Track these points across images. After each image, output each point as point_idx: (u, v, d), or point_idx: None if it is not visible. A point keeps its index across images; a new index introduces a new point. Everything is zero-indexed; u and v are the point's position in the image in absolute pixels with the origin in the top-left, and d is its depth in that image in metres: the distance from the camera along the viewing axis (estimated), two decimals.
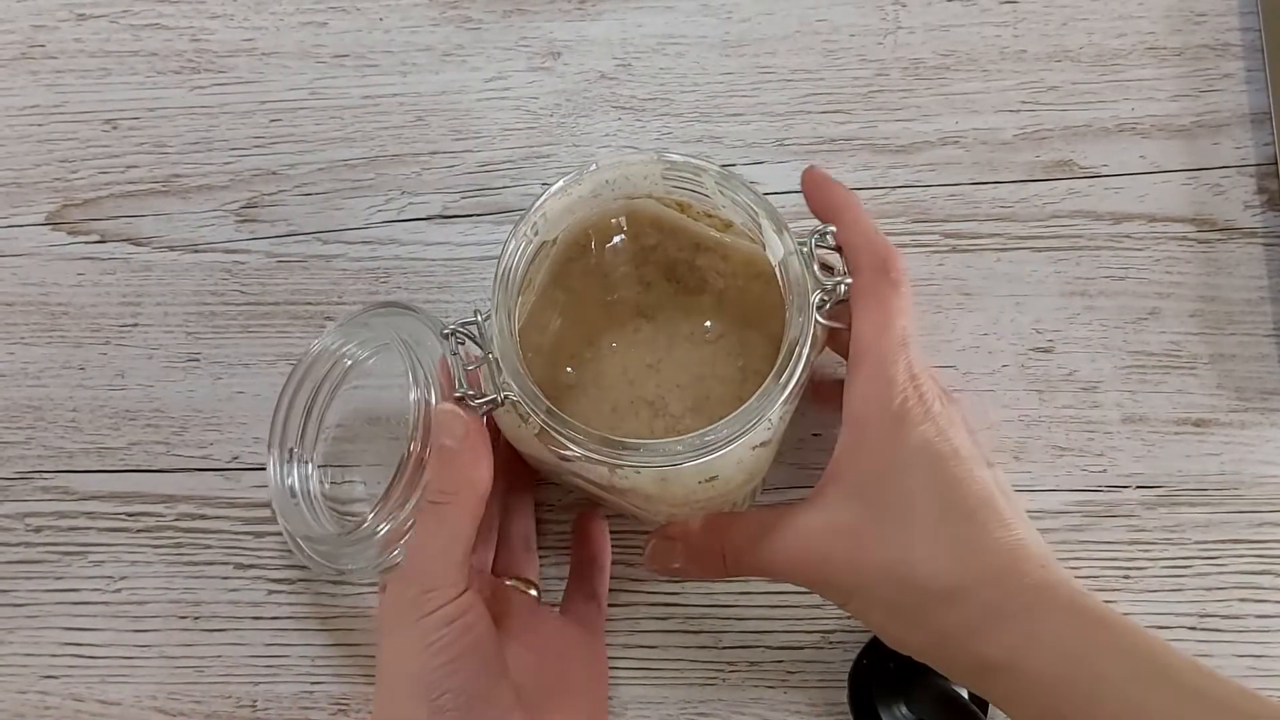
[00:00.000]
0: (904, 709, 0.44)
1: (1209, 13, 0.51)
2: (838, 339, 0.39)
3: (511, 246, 0.36)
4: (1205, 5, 0.51)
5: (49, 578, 0.49)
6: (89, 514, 0.49)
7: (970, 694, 0.44)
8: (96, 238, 0.51)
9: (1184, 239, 0.49)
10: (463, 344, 0.36)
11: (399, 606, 0.35)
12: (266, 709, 0.47)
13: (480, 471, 0.35)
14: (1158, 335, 0.48)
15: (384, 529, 0.38)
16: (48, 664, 0.48)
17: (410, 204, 0.51)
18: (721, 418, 0.33)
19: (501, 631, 0.37)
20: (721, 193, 0.37)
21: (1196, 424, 0.47)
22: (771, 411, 0.33)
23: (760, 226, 0.36)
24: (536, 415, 0.33)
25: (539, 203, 0.36)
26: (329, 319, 0.49)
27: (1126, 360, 0.48)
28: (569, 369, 0.39)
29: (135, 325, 0.51)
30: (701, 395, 0.39)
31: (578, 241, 0.39)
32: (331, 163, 0.51)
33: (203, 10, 0.53)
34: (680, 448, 0.33)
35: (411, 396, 0.37)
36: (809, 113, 0.51)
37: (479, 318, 0.35)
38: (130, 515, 0.49)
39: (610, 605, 0.46)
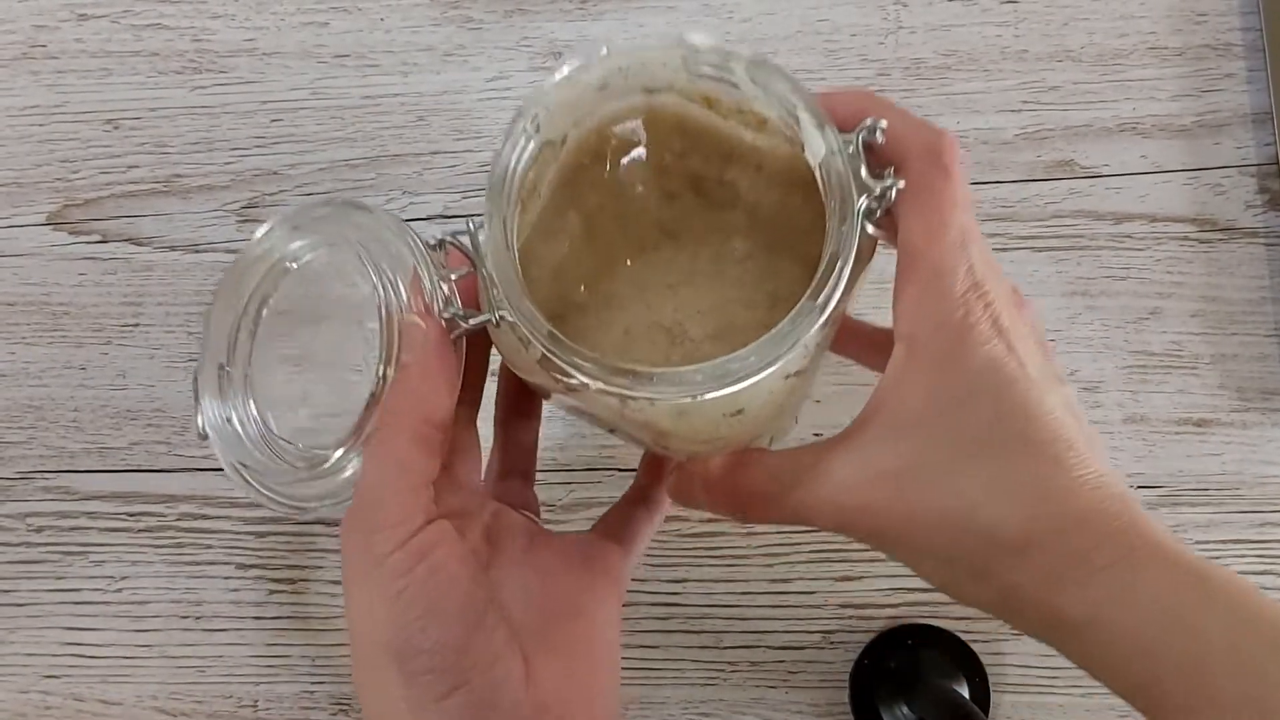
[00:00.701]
0: (905, 709, 0.44)
1: (1210, 13, 0.51)
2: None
3: (508, 146, 0.30)
4: (1206, 5, 0.51)
5: (50, 578, 0.49)
6: (90, 514, 0.49)
7: (971, 694, 0.44)
8: (98, 238, 0.51)
9: (1185, 239, 0.49)
10: (447, 255, 0.32)
11: (351, 558, 0.30)
12: (268, 709, 0.47)
13: (432, 390, 0.30)
14: (1159, 335, 0.48)
15: (354, 464, 0.33)
16: (49, 664, 0.48)
17: (411, 204, 0.51)
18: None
19: (500, 556, 0.33)
20: (754, 82, 0.32)
21: (1198, 424, 0.47)
22: (807, 337, 0.28)
23: (798, 121, 0.31)
24: (537, 339, 0.29)
25: (539, 93, 0.31)
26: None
27: (1128, 360, 0.48)
28: (582, 287, 0.35)
29: (136, 325, 0.51)
30: (725, 322, 0.34)
31: (591, 147, 0.34)
32: (333, 163, 0.51)
33: (204, 10, 0.53)
34: (700, 377, 0.28)
35: (380, 311, 0.31)
36: None
37: (471, 227, 0.31)
38: (131, 515, 0.49)
39: None
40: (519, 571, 0.33)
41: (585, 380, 0.29)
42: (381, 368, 0.31)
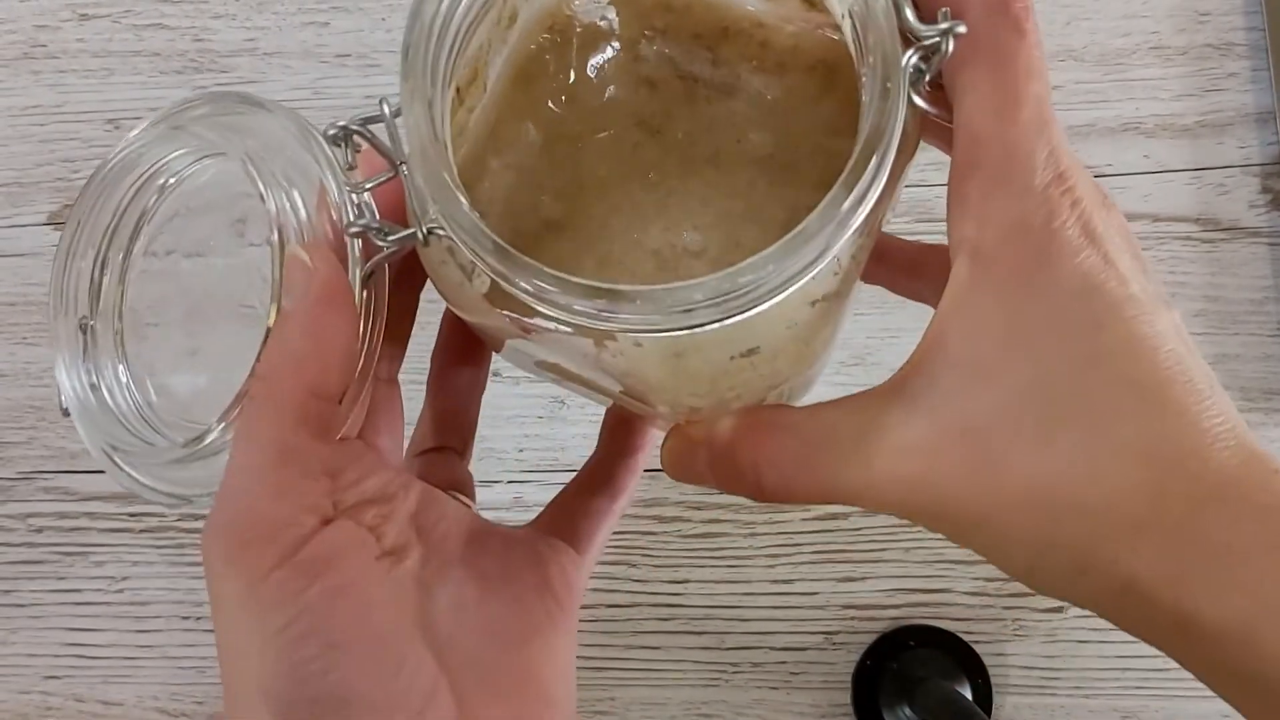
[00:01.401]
0: (907, 710, 0.44)
1: (1213, 12, 0.51)
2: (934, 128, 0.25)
3: None
4: (1210, 4, 0.51)
5: (51, 578, 0.48)
6: (91, 514, 0.49)
7: (973, 695, 0.44)
8: None
9: (1188, 239, 0.49)
10: (357, 151, 0.25)
11: (217, 574, 0.22)
12: None
13: (318, 348, 0.23)
14: None
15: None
16: (50, 664, 0.48)
17: None
18: None
19: (430, 557, 0.26)
20: None
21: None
22: (839, 243, 0.22)
23: None
24: (480, 259, 0.22)
25: None
26: None
27: None
28: (541, 207, 0.28)
29: None
30: (729, 241, 0.27)
31: (547, 27, 0.28)
32: None
33: (205, 10, 0.53)
34: (700, 295, 0.21)
35: (272, 239, 0.24)
36: None
37: (386, 111, 0.24)
38: (132, 515, 0.49)
39: (611, 605, 0.46)
40: (454, 578, 0.26)
41: (548, 312, 0.22)
42: (273, 312, 0.24)
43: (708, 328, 0.22)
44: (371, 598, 0.23)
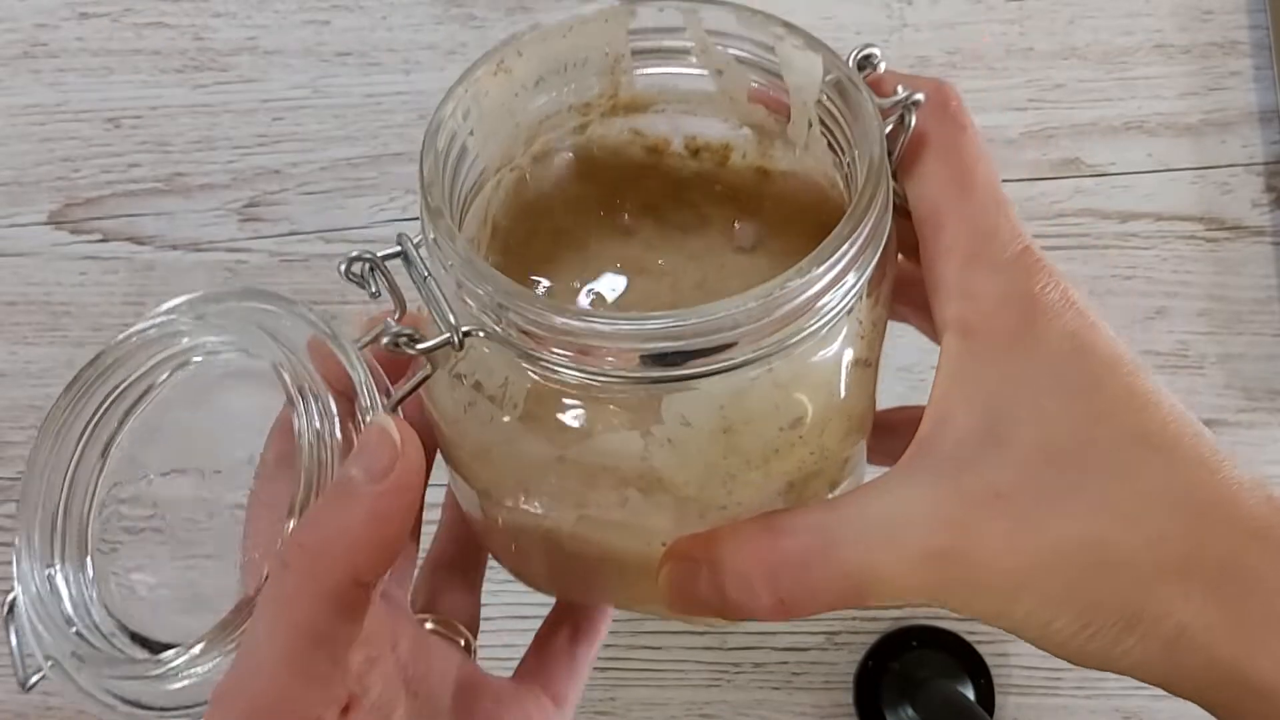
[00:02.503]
0: (909, 711, 0.44)
1: (1217, 10, 0.50)
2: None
3: (441, 137, 0.25)
4: (1213, 3, 0.51)
5: None
6: None
7: (975, 695, 0.44)
8: (99, 237, 0.51)
9: (1192, 238, 0.49)
10: (377, 297, 0.25)
11: None
12: None
13: (381, 534, 0.21)
14: (1165, 335, 0.48)
15: (215, 665, 0.22)
16: None
17: (414, 203, 0.51)
18: None
19: (420, 710, 0.25)
20: (711, 47, 0.26)
21: (1204, 424, 0.47)
22: (864, 270, 0.22)
23: (773, 49, 0.25)
24: (529, 320, 0.21)
25: (461, 80, 0.25)
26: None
27: None
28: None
29: None
30: None
31: (529, 199, 0.30)
32: (334, 161, 0.51)
33: (205, 8, 0.53)
34: (754, 304, 0.21)
35: (297, 427, 0.22)
36: None
37: (410, 241, 0.24)
38: None
39: None
40: None
41: (594, 377, 0.21)
42: (289, 523, 0.22)
43: (753, 374, 0.22)
44: None
